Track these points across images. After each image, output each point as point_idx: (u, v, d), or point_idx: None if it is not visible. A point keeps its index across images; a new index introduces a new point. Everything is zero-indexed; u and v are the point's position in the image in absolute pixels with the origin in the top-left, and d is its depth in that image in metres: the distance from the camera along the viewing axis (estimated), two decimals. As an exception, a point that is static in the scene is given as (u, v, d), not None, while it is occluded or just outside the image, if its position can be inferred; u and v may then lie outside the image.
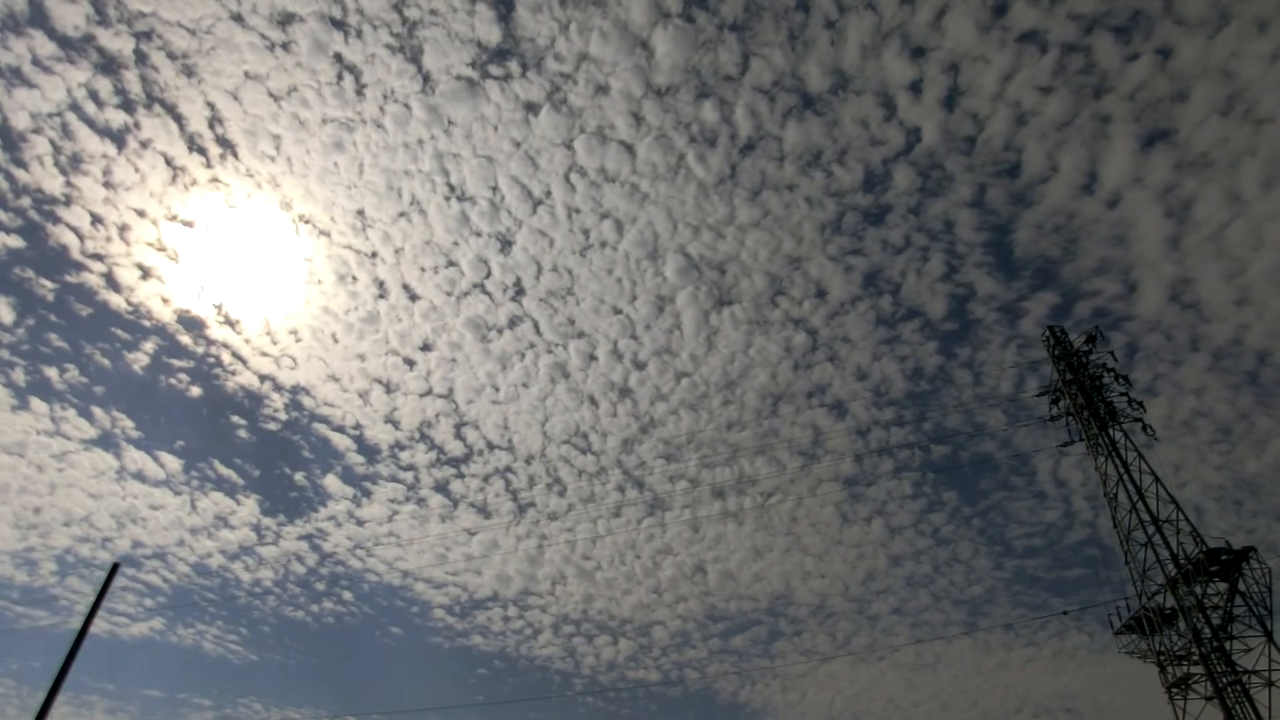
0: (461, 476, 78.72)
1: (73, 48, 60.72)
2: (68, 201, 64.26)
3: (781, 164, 72.79)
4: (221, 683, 79.22)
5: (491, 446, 77.88)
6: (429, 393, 76.47)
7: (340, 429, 76.11)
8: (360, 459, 77.77)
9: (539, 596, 79.61)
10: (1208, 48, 67.73)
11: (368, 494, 77.54)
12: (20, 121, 61.02)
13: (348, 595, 79.70)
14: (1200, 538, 27.12)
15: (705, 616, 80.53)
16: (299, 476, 77.75)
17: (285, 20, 62.06)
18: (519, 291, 75.72)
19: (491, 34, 64.23)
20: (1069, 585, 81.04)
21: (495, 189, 71.06)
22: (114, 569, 21.51)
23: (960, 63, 68.76)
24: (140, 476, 71.18)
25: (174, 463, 72.57)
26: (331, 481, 77.38)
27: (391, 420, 76.83)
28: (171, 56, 62.17)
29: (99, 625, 70.61)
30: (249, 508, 74.98)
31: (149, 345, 72.13)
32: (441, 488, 78.44)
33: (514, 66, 65.93)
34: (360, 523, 77.25)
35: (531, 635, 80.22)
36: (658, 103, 68.81)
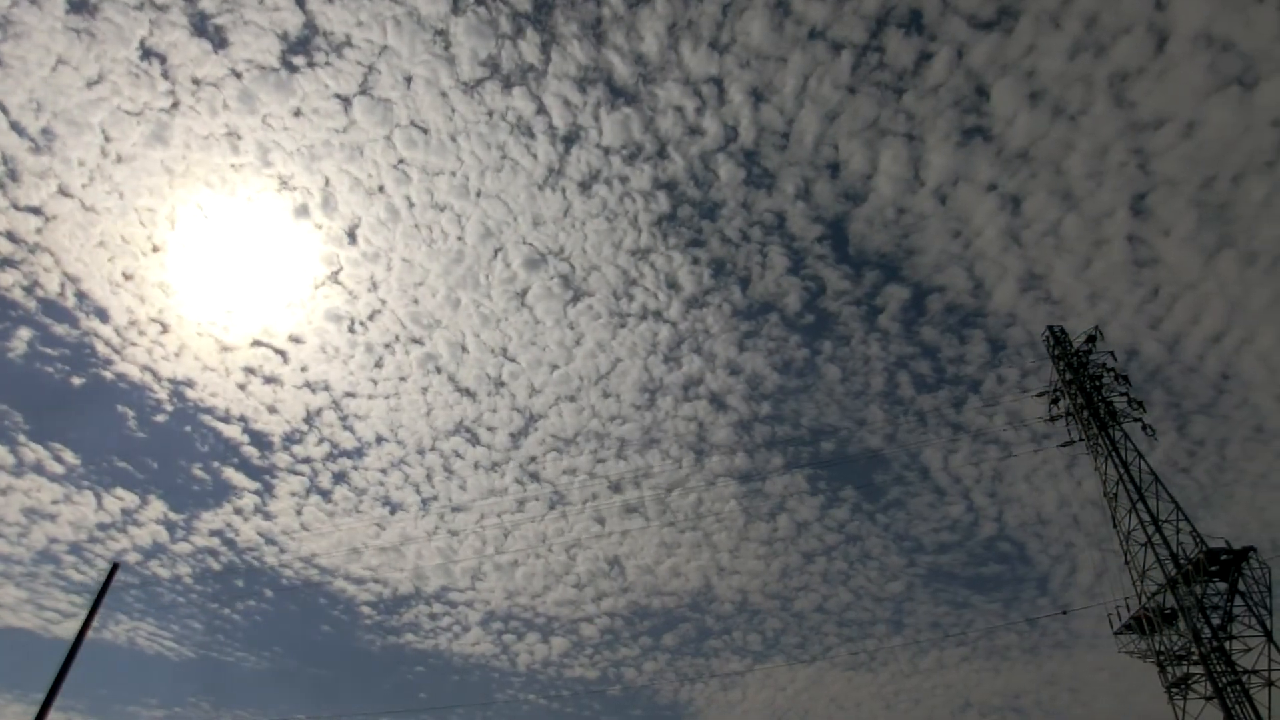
0: (359, 469, 79.21)
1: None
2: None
3: (607, 156, 74.41)
4: (164, 681, 79.36)
5: (380, 439, 78.51)
6: (306, 385, 76.85)
7: (226, 419, 76.11)
8: (254, 450, 77.82)
9: (460, 592, 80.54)
10: (1004, 44, 69.33)
11: (270, 488, 77.85)
12: None
13: (269, 593, 79.95)
14: (1200, 538, 27.13)
15: (630, 613, 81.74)
16: (197, 469, 77.79)
17: (88, 8, 61.40)
18: (374, 284, 76.67)
19: (292, 22, 64.30)
20: (988, 582, 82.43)
21: (327, 182, 71.16)
22: (113, 569, 21.48)
23: (755, 60, 70.68)
24: (39, 469, 71.02)
25: (71, 457, 72.30)
26: (232, 475, 77.47)
27: (276, 411, 77.10)
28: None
29: (29, 622, 71.12)
30: (155, 504, 75.19)
31: (24, 333, 71.11)
32: (341, 479, 78.91)
33: (320, 57, 66.16)
34: (268, 516, 77.75)
35: (461, 632, 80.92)
36: (467, 95, 69.57)
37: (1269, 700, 24.48)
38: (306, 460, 77.61)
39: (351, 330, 75.67)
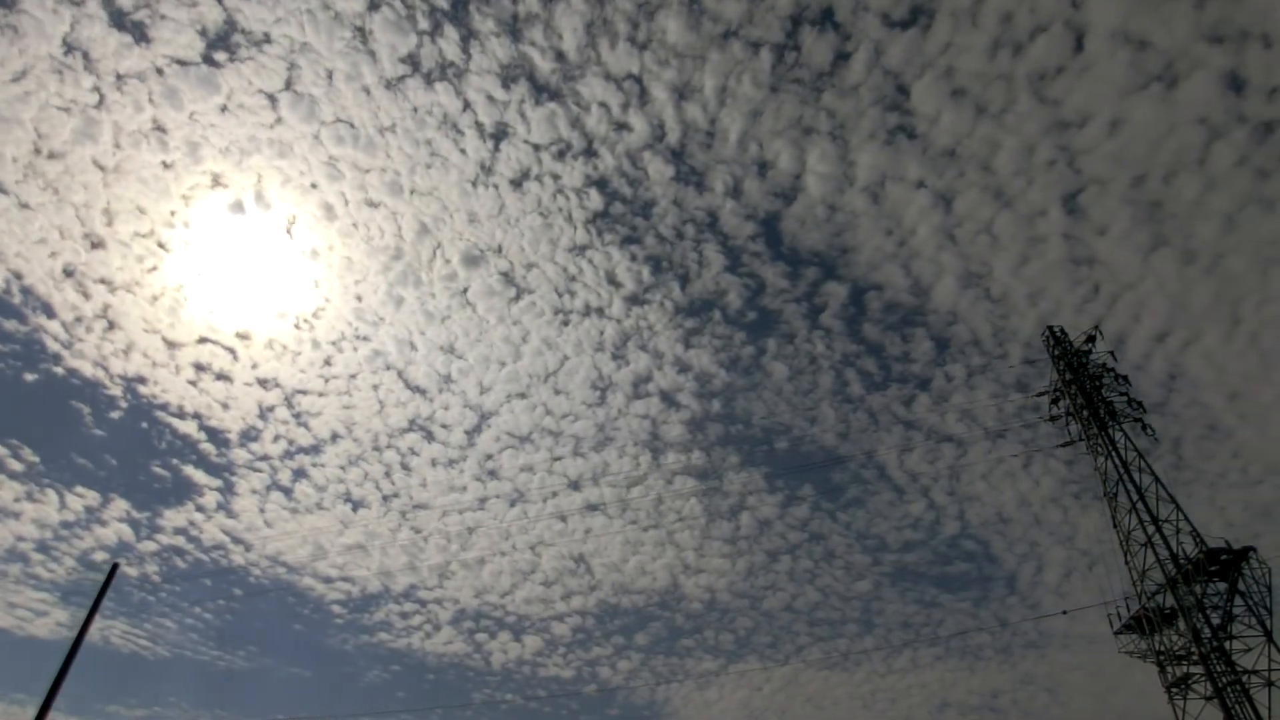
0: (318, 466, 79.33)
1: None
2: None
3: (537, 153, 74.86)
4: (141, 680, 79.20)
5: (336, 436, 78.63)
6: (257, 382, 76.88)
7: (180, 414, 76.07)
8: (212, 447, 77.75)
9: (428, 590, 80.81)
10: (921, 43, 69.84)
11: (231, 486, 77.75)
12: None
13: (237, 591, 79.66)
14: (1200, 537, 27.13)
15: (600, 612, 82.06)
16: (156, 467, 77.64)
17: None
18: (315, 282, 76.89)
19: (211, 17, 64.14)
20: (955, 581, 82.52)
21: (260, 178, 70.91)
22: (113, 569, 21.47)
23: (674, 58, 71.45)
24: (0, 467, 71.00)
25: (30, 454, 72.12)
26: (192, 472, 77.43)
27: (229, 408, 77.14)
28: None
29: (4, 621, 71.13)
30: (118, 502, 75.04)
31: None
32: (301, 476, 78.99)
33: (242, 53, 65.99)
34: (231, 514, 77.70)
35: (433, 631, 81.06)
36: (391, 91, 69.73)
37: (1269, 700, 24.48)
38: (265, 458, 77.61)
39: (297, 327, 75.91)
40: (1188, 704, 26.69)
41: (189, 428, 76.10)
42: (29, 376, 73.26)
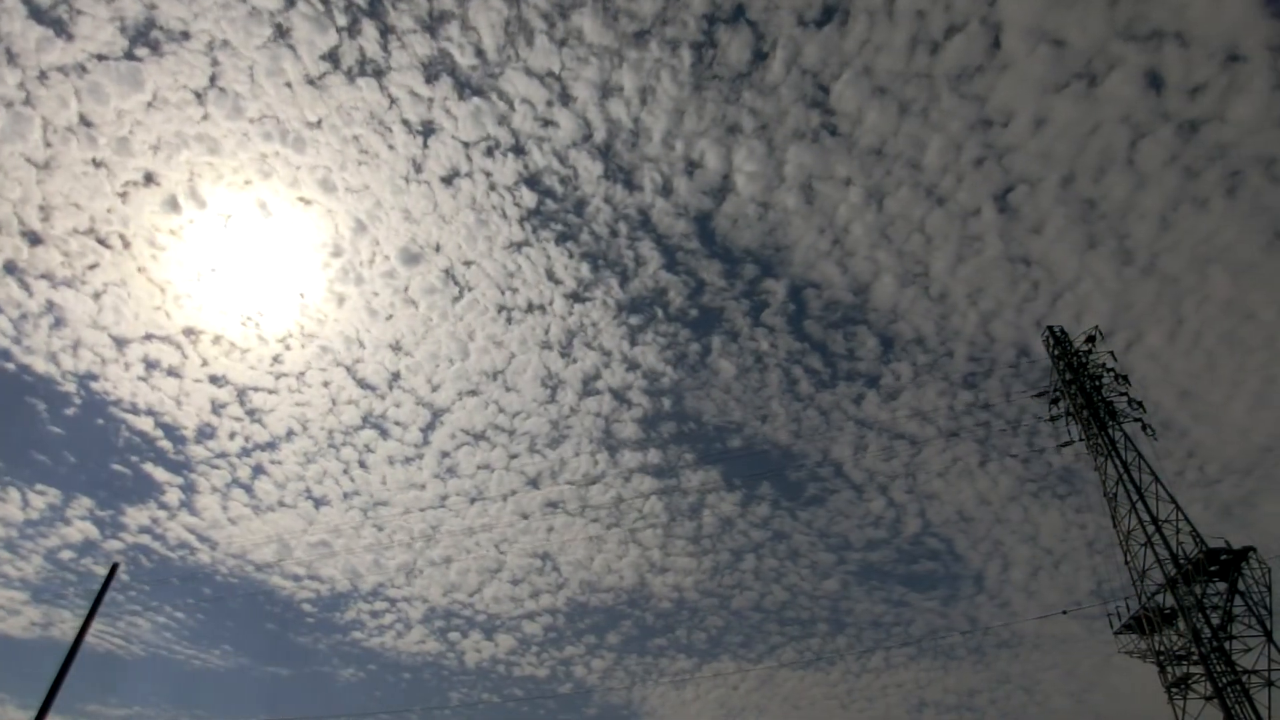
0: (276, 463, 79.22)
1: None
2: None
3: (467, 150, 74.96)
4: (119, 679, 78.98)
5: (291, 433, 78.56)
6: (209, 379, 76.85)
7: (134, 410, 75.83)
8: (169, 444, 77.65)
9: (397, 588, 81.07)
10: (838, 41, 70.46)
11: (191, 484, 77.66)
12: None
13: (206, 590, 79.60)
14: (1200, 537, 27.13)
15: (570, 611, 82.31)
16: (117, 465, 77.46)
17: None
18: (257, 278, 77.22)
19: (132, 12, 63.74)
20: (922, 579, 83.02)
21: (192, 175, 70.57)
22: (113, 569, 21.46)
23: (594, 56, 71.64)
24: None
25: None
26: (152, 469, 77.25)
27: (182, 405, 77.04)
28: None
29: None
30: (81, 500, 74.83)
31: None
32: (260, 473, 78.95)
33: (166, 48, 65.70)
34: (194, 512, 77.63)
35: (405, 630, 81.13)
36: (314, 88, 69.80)
37: (1269, 700, 24.48)
38: (223, 455, 77.58)
39: (243, 324, 75.95)
40: (1188, 704, 26.70)
41: (145, 424, 75.91)
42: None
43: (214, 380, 76.04)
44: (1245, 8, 60.14)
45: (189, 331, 74.81)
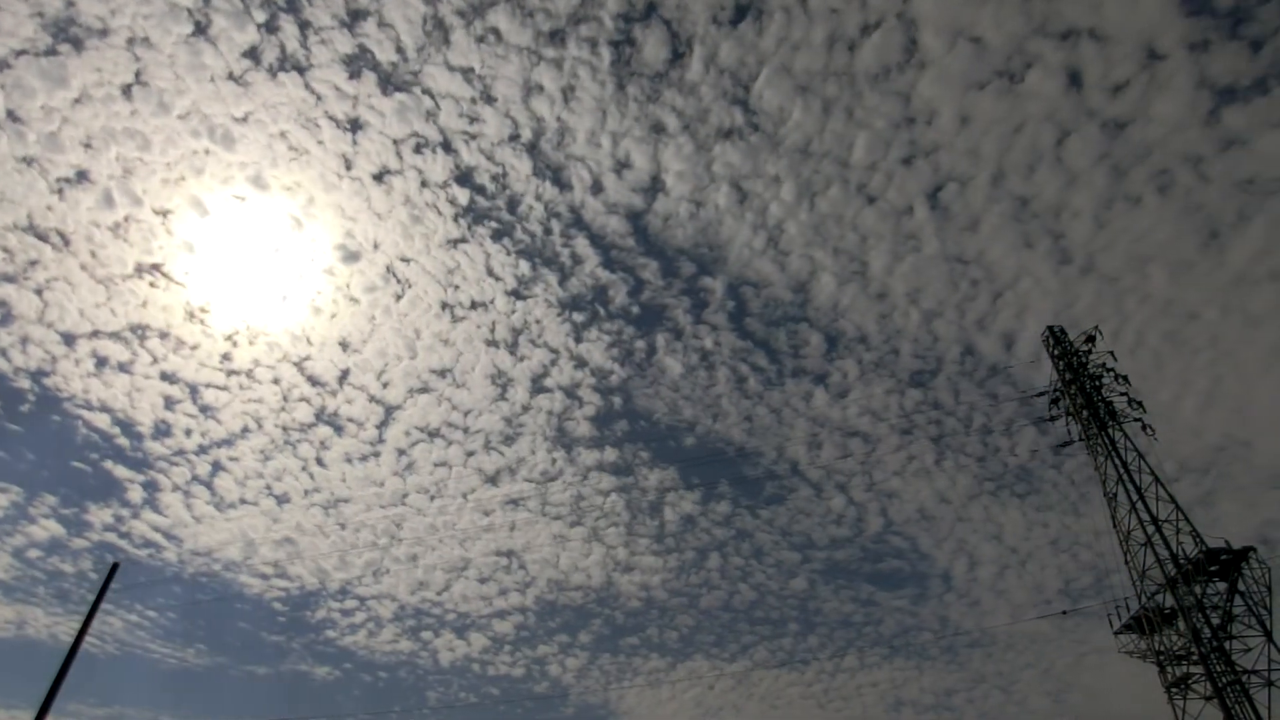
0: (236, 460, 79.16)
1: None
2: None
3: (396, 146, 75.12)
4: (96, 679, 78.68)
5: (246, 430, 78.52)
6: (160, 376, 76.69)
7: (89, 406, 75.64)
8: (127, 442, 77.52)
9: (365, 586, 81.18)
10: (755, 40, 70.56)
11: (153, 482, 77.49)
12: None
13: (176, 589, 79.76)
14: (1200, 537, 27.12)
15: (540, 610, 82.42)
16: (77, 463, 77.25)
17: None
18: (199, 276, 77.75)
19: (50, 7, 63.22)
20: (889, 578, 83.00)
21: (125, 172, 70.20)
22: (113, 569, 21.45)
23: (514, 54, 71.85)
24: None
25: None
26: (112, 467, 77.08)
27: (136, 403, 76.90)
28: None
29: None
30: (45, 498, 74.63)
31: None
32: (220, 470, 78.89)
33: (89, 43, 65.28)
34: (157, 509, 77.50)
35: (377, 629, 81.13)
36: (238, 84, 69.66)
37: (1269, 700, 24.46)
38: (180, 452, 77.47)
39: (190, 321, 75.98)
40: (1188, 704, 26.69)
41: (101, 421, 75.69)
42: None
43: (165, 377, 75.94)
44: (1161, 6, 60.56)
45: (135, 328, 74.52)
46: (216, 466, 78.23)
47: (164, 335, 75.24)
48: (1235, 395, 64.29)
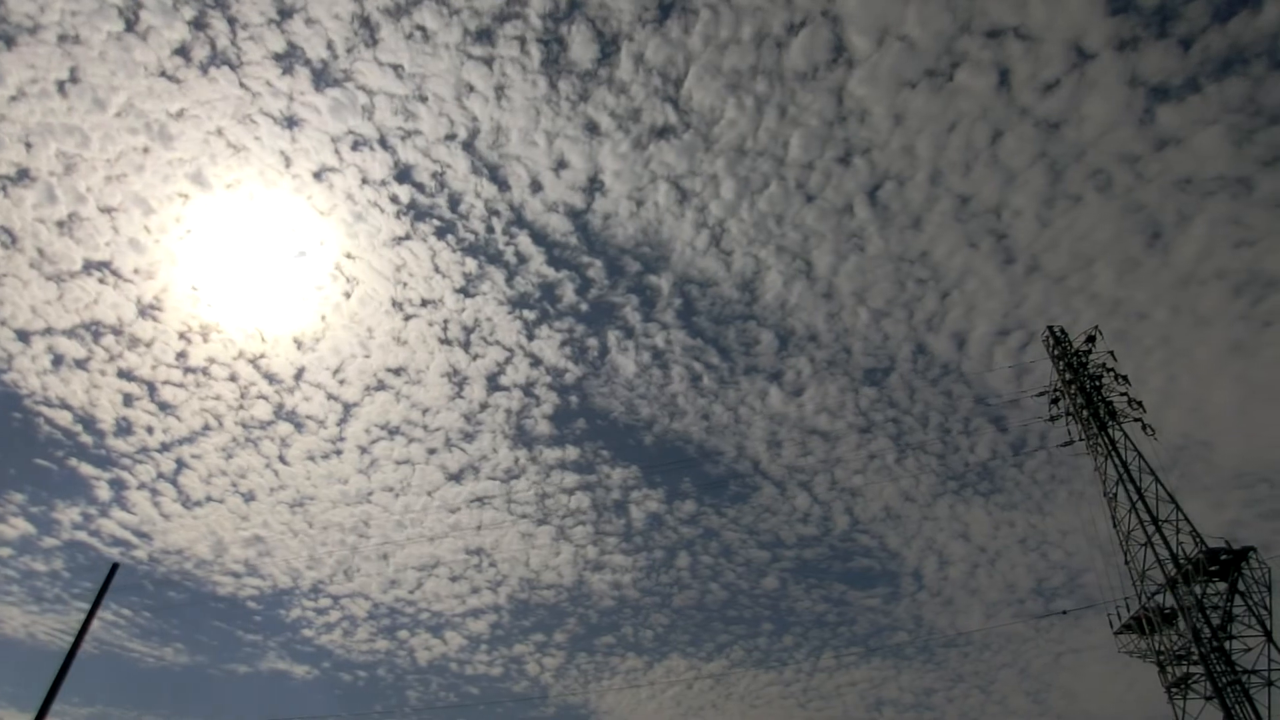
0: (199, 458, 78.70)
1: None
2: None
3: (334, 144, 75.10)
4: (75, 677, 78.51)
5: (207, 428, 78.22)
6: (118, 373, 76.15)
7: (48, 403, 75.17)
8: (90, 439, 76.91)
9: (338, 585, 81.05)
10: (686, 36, 70.53)
11: (120, 480, 77.06)
12: None
13: (149, 585, 79.28)
14: (1199, 537, 27.11)
15: (514, 608, 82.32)
16: (40, 460, 76.69)
17: None
18: (149, 272, 77.14)
19: None
20: (860, 576, 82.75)
21: (68, 169, 70.23)
22: (113, 569, 21.44)
23: (444, 51, 71.86)
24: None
25: None
26: (77, 464, 76.63)
27: (95, 400, 76.42)
28: None
29: None
30: (13, 496, 74.21)
31: None
32: (185, 467, 78.51)
33: (21, 39, 64.85)
34: (125, 507, 77.10)
35: (353, 628, 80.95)
36: (171, 82, 69.59)
37: (1269, 700, 24.47)
38: (144, 449, 77.11)
39: (141, 317, 75.50)
40: (1188, 704, 26.69)
41: (63, 419, 75.11)
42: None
43: (122, 374, 75.53)
44: (1086, 4, 60.65)
45: (89, 325, 74.21)
46: (180, 464, 77.87)
47: (118, 332, 74.99)
48: (1191, 395, 64.58)
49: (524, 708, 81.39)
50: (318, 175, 75.10)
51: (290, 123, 73.13)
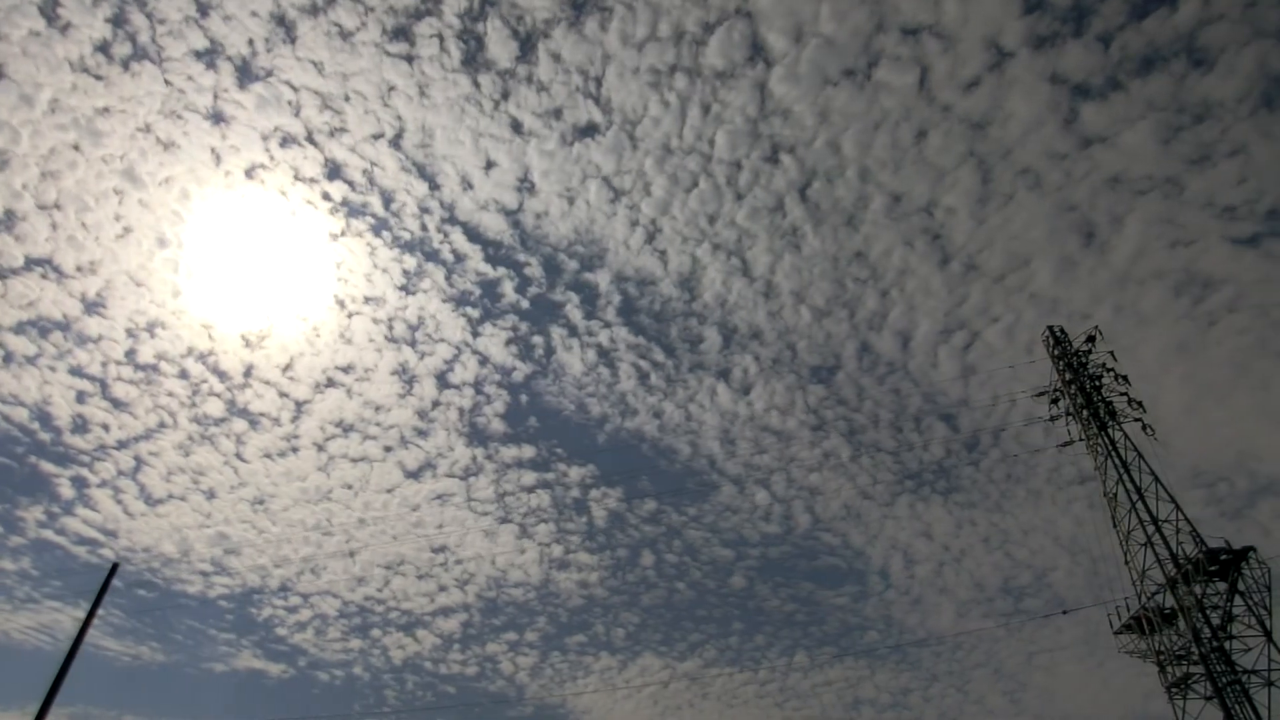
0: (157, 455, 78.39)
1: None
2: None
3: (264, 141, 75.32)
4: (51, 675, 78.12)
5: (163, 425, 77.95)
6: (69, 370, 75.86)
7: (1, 399, 74.72)
8: (48, 437, 76.54)
9: (307, 582, 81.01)
10: (603, 35, 70.50)
11: (81, 478, 76.66)
12: None
13: (118, 584, 78.04)
14: (1199, 537, 27.11)
15: (483, 607, 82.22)
16: (2, 458, 76.26)
17: None
18: (92, 268, 77.10)
19: None
20: (827, 575, 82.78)
21: (3, 164, 69.47)
22: (113, 569, 21.42)
23: (365, 49, 71.93)
24: None
25: None
26: (37, 461, 76.20)
27: (49, 398, 76.01)
28: None
29: None
30: None
31: None
32: (143, 464, 78.11)
33: None
34: (89, 505, 76.81)
35: (324, 626, 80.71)
36: (97, 80, 69.32)
37: (1269, 700, 24.46)
38: (102, 447, 76.79)
39: (88, 314, 75.08)
40: (1188, 704, 26.68)
41: (19, 415, 74.78)
42: None
43: (73, 371, 75.12)
44: (999, 2, 61.32)
45: (34, 322, 73.82)
46: (140, 461, 77.50)
47: (65, 329, 74.60)
48: (1140, 396, 64.84)
49: (502, 707, 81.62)
50: (249, 172, 74.96)
51: (218, 119, 72.76)
